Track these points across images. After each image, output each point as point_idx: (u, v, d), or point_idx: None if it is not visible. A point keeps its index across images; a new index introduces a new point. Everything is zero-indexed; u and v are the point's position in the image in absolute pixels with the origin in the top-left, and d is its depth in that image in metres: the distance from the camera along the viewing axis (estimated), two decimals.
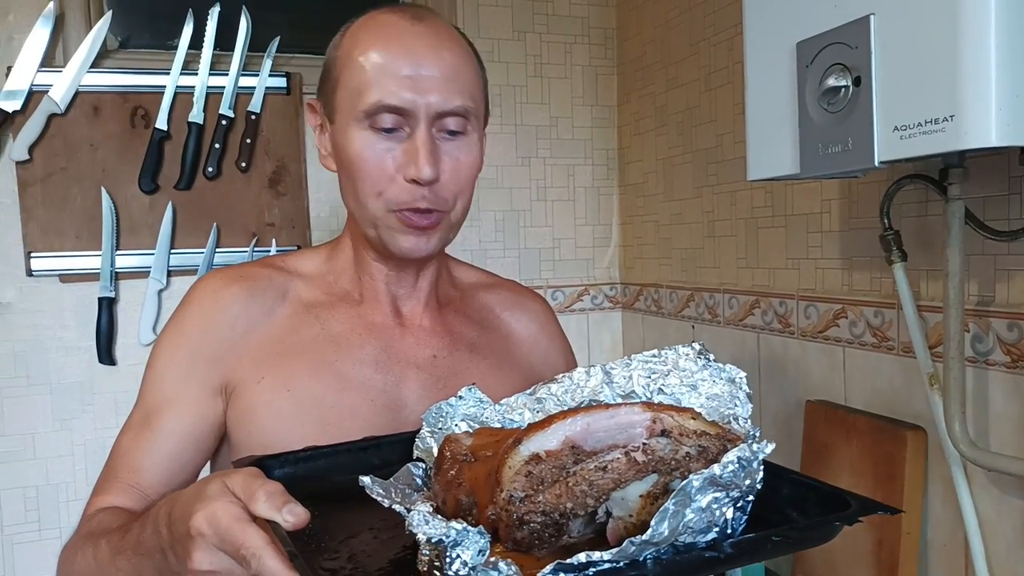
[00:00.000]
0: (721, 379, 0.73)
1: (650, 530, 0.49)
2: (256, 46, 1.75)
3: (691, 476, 0.50)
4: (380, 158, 0.82)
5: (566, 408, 0.76)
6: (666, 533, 0.50)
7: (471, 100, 0.84)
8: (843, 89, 0.93)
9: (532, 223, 2.06)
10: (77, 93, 1.64)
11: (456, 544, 0.49)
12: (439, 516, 0.52)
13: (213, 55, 1.71)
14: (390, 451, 0.78)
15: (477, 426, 0.77)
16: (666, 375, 0.75)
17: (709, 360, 0.74)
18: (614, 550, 0.49)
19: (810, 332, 1.40)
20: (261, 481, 0.57)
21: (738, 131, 1.57)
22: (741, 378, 0.71)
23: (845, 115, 0.93)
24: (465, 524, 0.50)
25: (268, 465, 0.74)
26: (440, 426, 0.77)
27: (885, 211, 1.15)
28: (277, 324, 0.89)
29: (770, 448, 0.54)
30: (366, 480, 0.61)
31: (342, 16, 0.89)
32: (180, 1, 1.72)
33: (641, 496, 0.54)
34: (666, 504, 0.49)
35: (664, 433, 0.56)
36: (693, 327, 1.77)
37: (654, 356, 0.76)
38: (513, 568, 0.48)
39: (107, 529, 0.74)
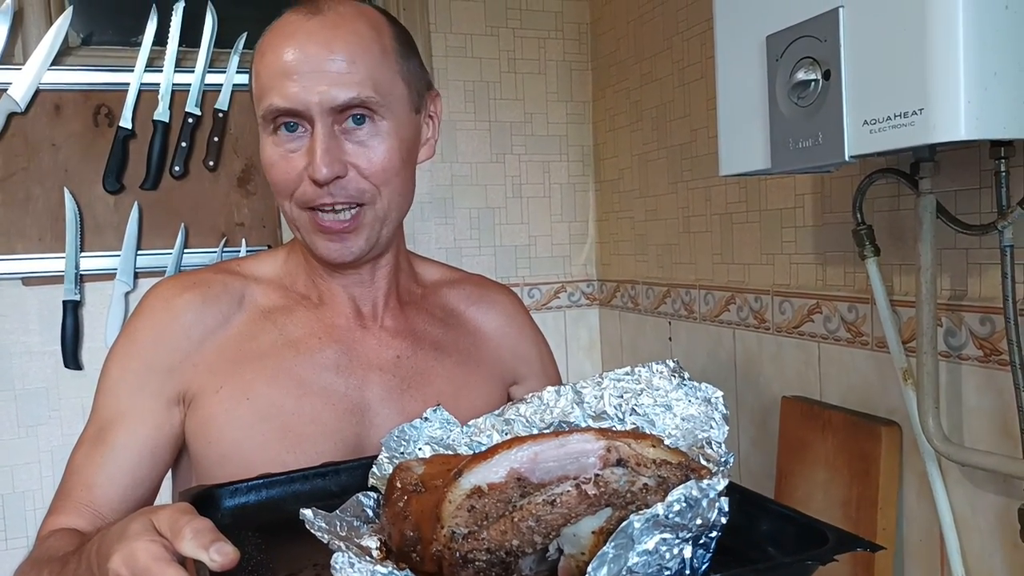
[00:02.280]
0: (697, 399, 0.69)
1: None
2: (223, 42, 1.71)
3: (631, 516, 0.46)
4: (286, 160, 0.81)
5: (534, 430, 0.73)
6: None
7: (372, 89, 0.80)
8: (813, 83, 0.92)
9: (507, 220, 2.04)
10: (38, 91, 1.60)
11: None
12: (368, 558, 0.48)
13: (179, 52, 1.68)
14: (348, 477, 0.75)
15: (442, 450, 0.74)
16: (639, 394, 0.72)
17: (684, 379, 0.71)
18: None
19: (785, 328, 1.40)
20: (189, 517, 0.54)
21: (712, 126, 1.56)
22: (717, 398, 0.68)
23: (815, 109, 0.92)
24: (391, 569, 0.46)
25: (218, 495, 0.71)
26: (401, 451, 0.74)
27: (857, 206, 1.14)
28: (234, 331, 0.87)
29: (722, 485, 0.50)
30: (307, 514, 0.56)
31: None
32: None
33: (593, 532, 0.50)
34: (604, 548, 0.45)
35: (620, 463, 0.52)
36: (670, 323, 1.77)
37: (627, 374, 0.73)
38: None
39: (52, 557, 0.71)
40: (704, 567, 0.52)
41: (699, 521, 0.49)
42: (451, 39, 1.93)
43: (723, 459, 0.61)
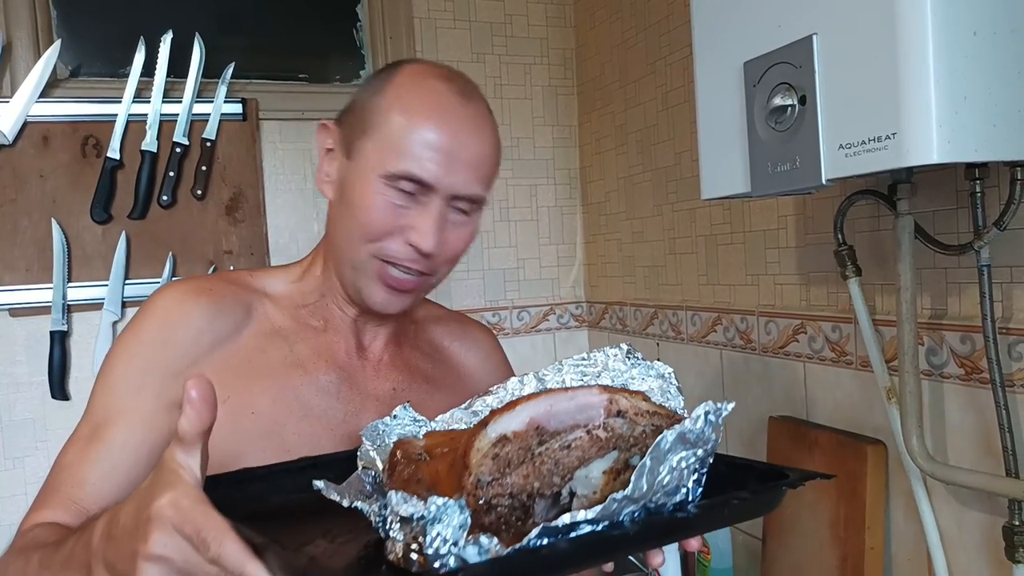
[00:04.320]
0: (651, 376, 0.74)
1: (631, 485, 0.50)
2: (210, 72, 1.73)
3: (664, 432, 0.52)
4: (390, 212, 0.83)
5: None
6: (645, 488, 0.52)
7: (487, 190, 0.86)
8: (789, 108, 0.93)
9: (496, 244, 2.05)
10: (26, 123, 1.60)
11: (436, 520, 0.47)
12: (415, 496, 0.51)
13: (166, 82, 1.69)
14: (327, 471, 0.74)
15: None
16: (597, 376, 0.75)
17: (638, 359, 0.75)
18: (596, 508, 0.50)
19: (771, 348, 1.41)
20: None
21: (695, 149, 1.57)
22: (670, 373, 0.73)
23: (792, 134, 0.94)
24: (445, 499, 0.48)
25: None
26: (378, 443, 0.75)
27: (838, 227, 1.16)
28: (243, 344, 0.87)
29: (731, 406, 0.56)
30: (320, 484, 0.59)
31: (297, 41, 0.87)
32: (132, 28, 1.70)
33: (604, 472, 0.56)
34: (643, 460, 0.51)
35: (620, 414, 0.58)
36: (658, 344, 1.77)
37: (583, 359, 0.76)
38: (495, 541, 0.48)
39: (41, 543, 0.70)
40: (697, 499, 0.58)
41: (713, 436, 0.55)
42: None
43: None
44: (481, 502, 0.53)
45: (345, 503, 0.57)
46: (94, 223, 1.65)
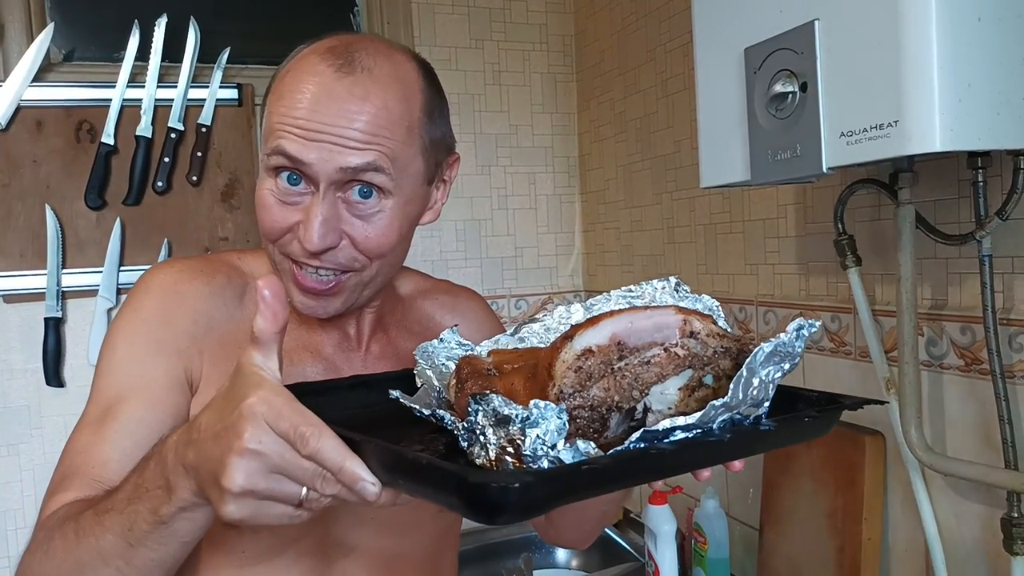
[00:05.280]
0: (699, 307, 0.73)
1: (728, 394, 0.53)
2: (206, 57, 1.71)
3: (761, 344, 0.54)
4: (280, 208, 0.77)
5: (547, 345, 0.75)
6: (740, 396, 0.54)
7: (388, 163, 0.75)
8: (790, 95, 0.92)
9: (494, 232, 2.04)
10: (19, 108, 1.59)
11: (536, 423, 0.49)
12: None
13: (161, 67, 1.67)
14: (380, 391, 0.71)
15: None
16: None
17: (686, 292, 0.75)
18: (696, 414, 0.52)
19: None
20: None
21: (695, 137, 1.56)
22: (716, 306, 0.72)
23: (793, 121, 0.92)
24: (546, 402, 0.50)
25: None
26: (429, 363, 0.75)
27: (839, 216, 1.14)
28: (236, 327, 0.84)
29: (819, 323, 0.59)
30: (396, 393, 0.62)
31: (294, 25, 0.84)
32: (126, 12, 1.68)
33: (680, 389, 0.58)
34: (740, 372, 0.53)
35: (693, 334, 0.60)
36: None
37: (631, 291, 0.76)
38: (591, 445, 0.50)
39: (84, 509, 0.67)
40: (766, 412, 0.59)
41: (800, 347, 0.57)
42: (435, 52, 1.94)
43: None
44: None
45: (426, 412, 0.58)
46: (88, 209, 1.64)
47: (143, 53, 1.66)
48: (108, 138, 1.64)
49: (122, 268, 1.66)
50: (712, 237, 1.56)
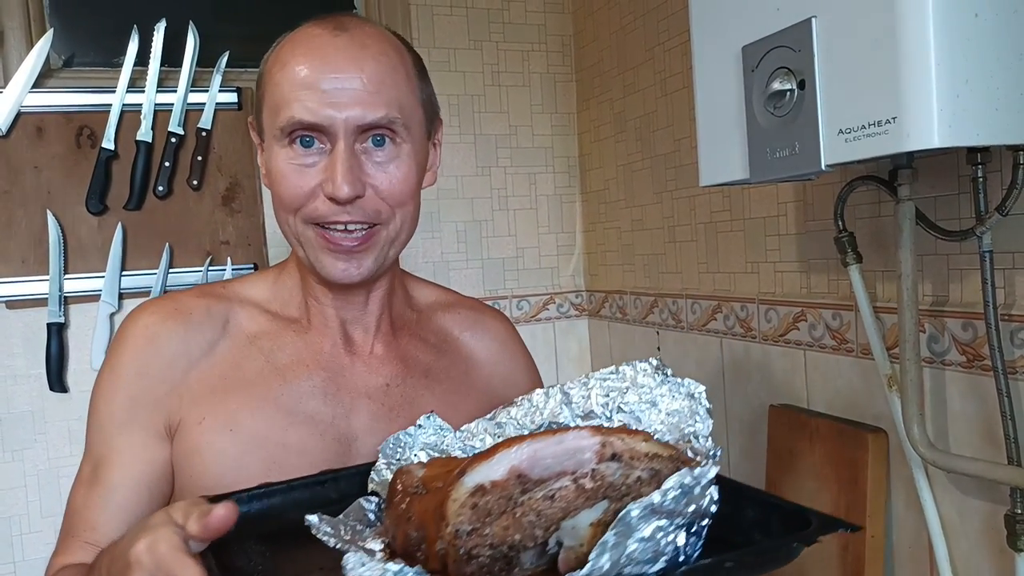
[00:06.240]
0: (680, 394, 0.71)
1: (588, 564, 0.47)
2: (205, 61, 1.71)
3: (630, 505, 0.48)
4: (300, 174, 0.80)
5: (525, 432, 0.74)
6: (607, 567, 0.47)
7: (397, 111, 0.80)
8: (788, 93, 0.92)
9: (494, 233, 2.04)
10: (19, 114, 1.59)
11: None
12: (377, 557, 0.50)
13: (161, 71, 1.68)
14: (347, 484, 0.75)
15: (437, 455, 0.75)
16: (624, 392, 0.73)
17: (667, 375, 0.72)
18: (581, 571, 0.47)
19: (771, 336, 1.40)
20: (204, 506, 0.58)
21: (695, 136, 1.56)
22: (700, 392, 0.70)
23: (791, 119, 0.92)
24: (403, 565, 0.47)
25: (218, 503, 0.71)
26: (398, 457, 0.74)
27: (839, 213, 1.14)
28: (218, 360, 0.85)
29: (713, 472, 0.51)
30: (313, 519, 0.59)
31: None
32: (125, 17, 1.68)
33: (592, 524, 0.52)
34: (605, 537, 0.47)
35: (615, 457, 0.54)
36: (658, 333, 1.76)
37: (612, 373, 0.74)
38: None
39: None
40: (696, 553, 0.54)
41: (692, 508, 0.51)
42: (434, 53, 1.94)
43: (711, 452, 0.62)
44: (461, 552, 0.51)
45: (332, 543, 0.57)
46: (90, 214, 1.64)
47: (142, 58, 1.66)
48: (108, 143, 1.64)
49: (124, 273, 1.66)
50: (713, 236, 1.56)
